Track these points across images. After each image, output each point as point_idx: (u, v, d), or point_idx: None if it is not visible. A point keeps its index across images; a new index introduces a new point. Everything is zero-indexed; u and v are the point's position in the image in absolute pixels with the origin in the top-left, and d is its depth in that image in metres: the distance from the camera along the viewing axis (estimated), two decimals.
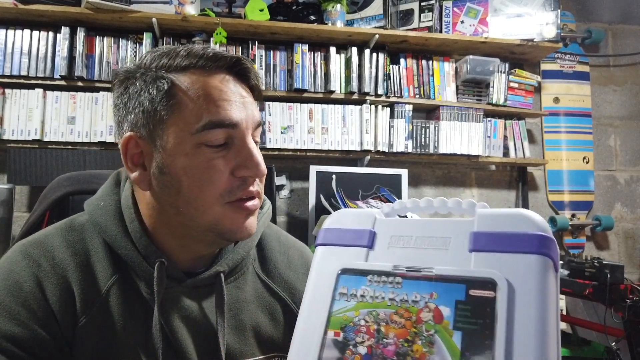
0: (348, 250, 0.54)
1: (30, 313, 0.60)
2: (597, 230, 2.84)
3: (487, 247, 0.47)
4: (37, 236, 0.67)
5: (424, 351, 0.44)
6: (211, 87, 0.64)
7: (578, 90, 2.94)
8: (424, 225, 0.52)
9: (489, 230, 0.48)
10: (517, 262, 0.45)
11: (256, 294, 0.73)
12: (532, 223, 0.47)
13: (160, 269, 0.64)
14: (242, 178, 0.64)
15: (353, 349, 0.47)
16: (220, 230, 0.64)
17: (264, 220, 0.77)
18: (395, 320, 0.47)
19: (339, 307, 0.50)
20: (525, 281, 0.44)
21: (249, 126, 0.65)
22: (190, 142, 0.62)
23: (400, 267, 0.50)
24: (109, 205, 0.69)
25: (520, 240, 0.46)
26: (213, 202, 0.63)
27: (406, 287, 0.48)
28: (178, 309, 0.66)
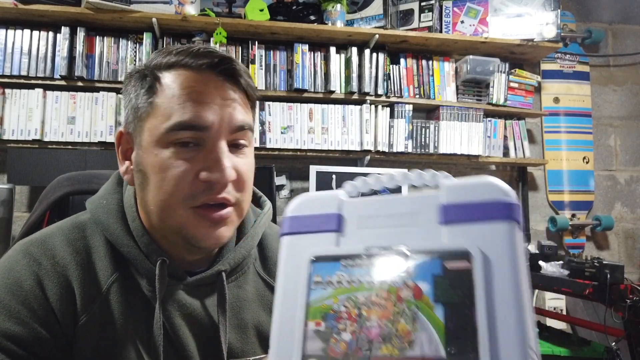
0: (317, 236, 0.53)
1: (31, 312, 0.60)
2: (597, 230, 2.84)
3: (457, 219, 0.47)
4: (38, 235, 0.67)
5: (409, 329, 0.44)
6: (188, 86, 0.63)
7: (578, 90, 2.94)
8: (391, 203, 0.52)
9: (456, 201, 0.48)
10: (488, 231, 0.46)
11: (258, 292, 0.73)
12: (498, 190, 0.47)
13: (161, 267, 0.64)
14: (207, 183, 0.61)
15: (337, 336, 0.46)
16: (185, 236, 0.63)
17: (264, 220, 0.77)
18: (375, 302, 0.46)
19: (317, 297, 0.49)
20: (498, 249, 0.45)
21: (222, 130, 0.62)
22: (160, 141, 0.62)
23: (373, 248, 0.49)
24: (111, 204, 0.69)
25: (489, 208, 0.47)
26: (177, 205, 0.62)
27: (381, 268, 0.48)
28: (180, 307, 0.66)
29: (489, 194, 0.47)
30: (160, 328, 0.62)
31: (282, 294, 0.51)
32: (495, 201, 0.47)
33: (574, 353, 1.95)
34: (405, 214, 0.50)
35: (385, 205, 0.52)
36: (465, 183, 0.49)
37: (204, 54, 0.64)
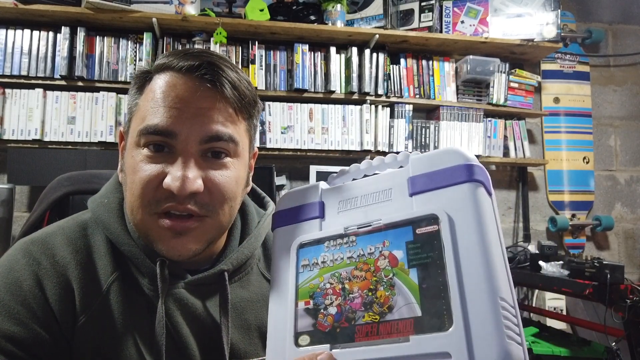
0: (302, 225, 0.58)
1: (30, 312, 0.60)
2: (597, 231, 2.84)
3: (424, 188, 0.51)
4: (39, 234, 0.67)
5: (387, 295, 0.47)
6: (165, 90, 0.62)
7: (578, 90, 2.94)
8: (366, 184, 0.56)
9: (422, 172, 0.52)
10: (452, 194, 0.49)
11: (261, 293, 0.73)
12: (458, 156, 0.50)
13: (162, 266, 0.64)
14: (170, 191, 0.60)
15: (324, 311, 0.50)
16: (152, 242, 0.63)
17: (267, 221, 0.77)
18: (356, 275, 0.50)
19: (304, 278, 0.54)
20: (461, 209, 0.48)
21: (191, 139, 0.60)
22: (136, 143, 0.63)
23: (352, 227, 0.53)
24: (112, 203, 0.69)
25: (451, 174, 0.50)
26: (142, 209, 0.62)
27: (360, 243, 0.52)
28: (181, 306, 0.65)
29: (450, 161, 0.50)
30: (162, 327, 0.62)
31: (275, 282, 0.56)
32: (456, 166, 0.49)
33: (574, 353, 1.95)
34: (380, 191, 0.54)
35: (361, 187, 0.56)
36: (429, 154, 0.53)
37: (191, 56, 0.63)
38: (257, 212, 0.78)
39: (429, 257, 0.47)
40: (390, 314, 0.46)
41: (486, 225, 0.46)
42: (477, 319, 0.42)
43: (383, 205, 0.53)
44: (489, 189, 0.50)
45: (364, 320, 0.47)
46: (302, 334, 0.50)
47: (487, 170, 0.53)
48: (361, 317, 0.48)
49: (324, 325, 0.49)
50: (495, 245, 0.46)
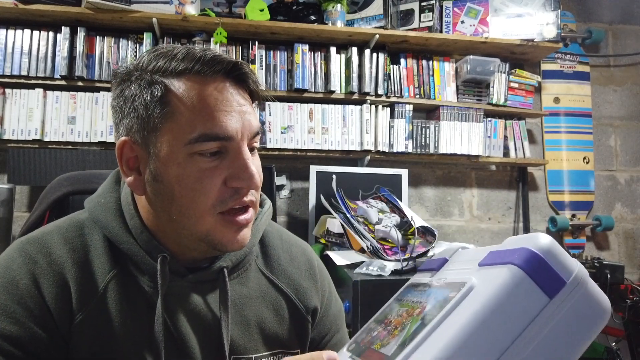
0: (425, 272, 0.65)
1: (26, 311, 0.60)
2: (598, 231, 2.84)
3: (489, 262, 0.51)
4: (36, 233, 0.67)
5: (396, 334, 0.51)
6: (207, 95, 0.62)
7: (578, 90, 2.94)
8: (476, 252, 0.59)
9: (501, 248, 0.52)
10: (495, 272, 0.47)
11: (260, 290, 0.74)
12: (533, 241, 0.47)
13: (163, 263, 0.64)
14: (235, 188, 0.63)
15: (371, 333, 0.58)
16: (211, 241, 0.64)
17: (265, 218, 0.77)
18: (402, 315, 0.55)
19: (389, 308, 0.62)
20: (485, 285, 0.46)
21: (244, 137, 0.64)
22: (183, 152, 0.61)
23: (434, 281, 0.59)
24: (110, 202, 0.70)
25: (510, 254, 0.48)
26: (205, 212, 0.63)
27: (426, 294, 0.56)
28: (181, 303, 0.66)
29: (522, 243, 0.49)
30: (161, 323, 0.62)
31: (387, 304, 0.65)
32: (520, 249, 0.47)
33: None
34: (474, 259, 0.56)
35: (473, 254, 0.60)
36: (523, 236, 0.52)
37: (215, 60, 0.63)
38: None
39: (432, 315, 0.48)
40: (384, 348, 0.50)
41: (493, 305, 0.43)
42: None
43: (463, 271, 0.56)
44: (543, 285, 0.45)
45: (374, 347, 0.53)
46: (354, 343, 0.60)
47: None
48: (375, 343, 0.53)
49: (364, 341, 0.57)
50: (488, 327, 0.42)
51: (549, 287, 0.45)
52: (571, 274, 0.45)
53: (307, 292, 0.78)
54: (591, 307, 0.46)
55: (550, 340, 0.44)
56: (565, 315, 0.45)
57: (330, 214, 2.09)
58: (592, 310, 0.46)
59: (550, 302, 0.44)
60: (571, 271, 0.46)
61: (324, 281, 0.83)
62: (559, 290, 0.45)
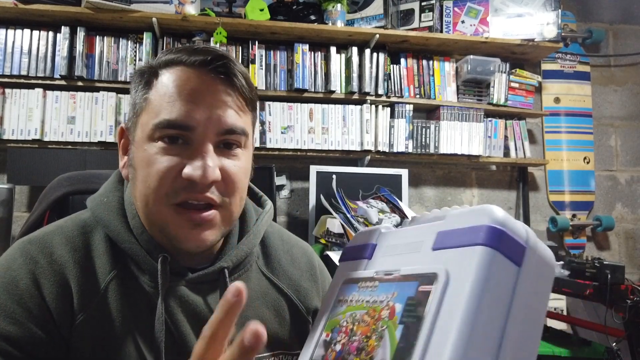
0: (355, 262, 0.60)
1: (26, 311, 0.59)
2: (598, 231, 2.84)
3: (445, 244, 0.49)
4: (37, 233, 0.67)
5: (375, 345, 0.47)
6: (180, 84, 0.63)
7: (579, 90, 2.94)
8: (409, 233, 0.57)
9: (451, 228, 0.50)
10: (463, 255, 0.46)
11: (261, 290, 0.73)
12: (486, 215, 0.47)
13: (163, 263, 0.64)
14: (189, 181, 0.61)
15: (333, 347, 0.52)
16: (168, 235, 0.63)
17: (266, 218, 0.77)
18: (364, 320, 0.51)
19: (334, 312, 0.56)
20: (462, 272, 0.45)
21: (209, 131, 0.62)
22: (149, 137, 0.63)
23: (380, 272, 0.54)
24: (112, 201, 0.70)
25: (472, 233, 0.47)
26: (158, 200, 0.62)
27: (379, 289, 0.52)
28: (182, 303, 0.65)
29: (478, 220, 0.47)
30: (162, 323, 0.62)
31: (320, 310, 0.60)
32: (480, 226, 0.46)
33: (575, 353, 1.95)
34: (415, 242, 0.54)
35: (405, 235, 0.57)
36: (465, 210, 0.51)
37: (201, 51, 0.64)
38: (254, 210, 0.79)
39: (415, 317, 0.45)
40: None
41: (478, 292, 0.43)
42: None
43: (411, 256, 0.53)
44: (510, 256, 0.45)
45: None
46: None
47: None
48: (351, 359, 0.49)
49: (328, 358, 0.52)
50: (481, 316, 0.42)
51: (516, 256, 0.46)
52: (525, 237, 0.47)
53: (308, 293, 0.77)
54: (546, 263, 0.48)
55: (528, 306, 0.45)
56: (532, 277, 0.46)
57: (330, 214, 2.09)
58: (547, 265, 0.48)
59: (520, 269, 0.46)
60: (525, 235, 0.47)
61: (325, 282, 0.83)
62: (523, 256, 0.46)
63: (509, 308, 0.44)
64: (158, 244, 0.66)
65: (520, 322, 0.44)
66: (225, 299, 0.45)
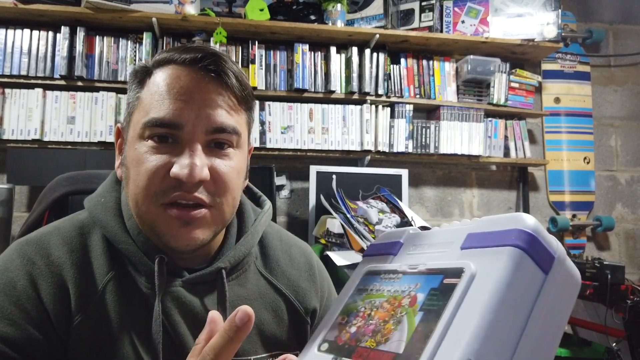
0: (379, 257, 0.63)
1: (23, 313, 0.59)
2: (598, 231, 2.84)
3: (475, 244, 0.51)
4: (34, 234, 0.67)
5: (392, 328, 0.49)
6: (169, 82, 0.62)
7: (579, 90, 2.93)
8: (439, 234, 0.59)
9: (481, 230, 0.52)
10: (491, 254, 0.48)
11: (259, 291, 0.73)
12: (518, 222, 0.48)
13: (160, 264, 0.64)
14: (177, 180, 0.60)
15: (347, 329, 0.54)
16: (158, 234, 0.63)
17: (265, 219, 0.77)
18: (384, 307, 0.53)
19: (353, 300, 0.58)
20: (488, 268, 0.46)
21: (198, 130, 0.61)
22: (140, 135, 0.63)
23: (403, 266, 0.56)
24: (110, 202, 0.69)
25: (502, 236, 0.48)
26: (148, 200, 0.62)
27: (402, 281, 0.54)
28: (179, 304, 0.65)
29: (509, 224, 0.49)
30: (159, 325, 0.62)
31: (338, 297, 0.62)
32: (511, 230, 0.48)
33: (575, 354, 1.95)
34: (443, 242, 0.56)
35: (434, 236, 0.59)
36: (497, 216, 0.52)
37: (192, 49, 0.64)
38: (253, 210, 0.78)
39: (437, 305, 0.47)
40: (384, 345, 0.48)
41: (503, 289, 0.44)
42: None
43: (438, 255, 0.55)
44: (537, 260, 0.47)
45: (365, 344, 0.50)
46: (325, 342, 0.55)
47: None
48: (365, 340, 0.51)
49: (341, 339, 0.54)
50: (502, 312, 0.43)
51: (545, 264, 0.47)
52: (556, 248, 0.48)
53: (307, 293, 0.77)
54: (572, 277, 0.49)
55: (550, 314, 0.46)
56: (557, 288, 0.47)
57: (330, 214, 2.09)
58: (573, 279, 0.49)
59: (547, 278, 0.47)
60: (555, 246, 0.48)
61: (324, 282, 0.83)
62: (551, 266, 0.47)
63: (531, 312, 0.45)
64: (154, 244, 0.66)
65: (540, 328, 0.45)
66: (232, 322, 0.45)
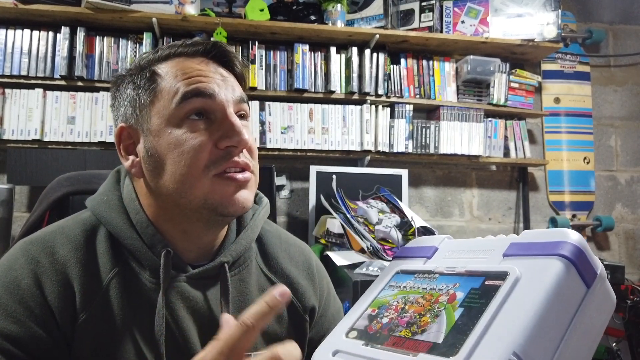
0: (412, 259, 0.64)
1: (28, 311, 0.60)
2: (598, 231, 2.84)
3: (518, 253, 0.52)
4: (38, 234, 0.67)
5: (429, 321, 0.50)
6: (187, 66, 0.66)
7: (579, 90, 2.94)
8: (477, 242, 0.60)
9: (525, 241, 0.53)
10: (536, 262, 0.49)
11: (260, 287, 0.74)
12: (566, 235, 0.50)
13: (166, 257, 0.64)
14: (226, 149, 0.64)
15: (379, 319, 0.56)
16: (211, 205, 0.64)
17: (263, 213, 0.78)
18: (419, 302, 0.54)
19: (384, 294, 0.60)
20: (533, 275, 0.48)
21: (228, 99, 0.66)
22: (172, 118, 0.64)
23: (440, 268, 0.58)
24: (113, 200, 0.70)
25: (546, 246, 0.50)
26: (199, 175, 0.63)
27: (439, 280, 0.56)
28: (183, 299, 0.66)
29: (554, 237, 0.51)
30: (162, 317, 0.62)
31: (367, 291, 0.64)
32: (556, 242, 0.50)
33: None
34: (484, 250, 0.57)
35: (473, 244, 0.60)
36: (542, 230, 0.54)
37: (195, 42, 0.69)
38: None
39: (479, 303, 0.48)
40: (420, 335, 0.49)
41: (548, 295, 0.45)
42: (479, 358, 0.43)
43: (478, 260, 0.56)
44: (582, 273, 0.48)
45: (399, 334, 0.51)
46: (354, 330, 0.57)
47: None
48: (399, 331, 0.52)
49: (372, 328, 0.55)
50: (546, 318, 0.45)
51: (588, 277, 0.48)
52: (598, 265, 0.50)
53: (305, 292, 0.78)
54: (609, 295, 0.51)
55: (588, 328, 0.48)
56: (597, 303, 0.49)
57: (330, 214, 2.09)
58: (610, 298, 0.51)
59: (588, 291, 0.48)
60: (597, 263, 0.50)
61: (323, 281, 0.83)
62: (594, 280, 0.49)
63: (571, 321, 0.46)
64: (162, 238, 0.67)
65: (577, 339, 0.46)
66: (272, 295, 0.47)
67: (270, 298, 0.47)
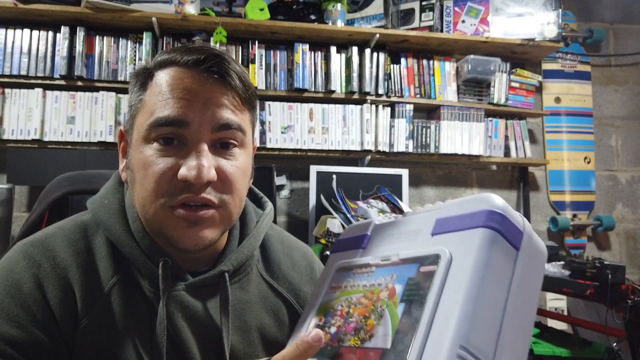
0: (348, 253, 0.63)
1: (30, 315, 0.59)
2: (599, 231, 2.84)
3: (445, 229, 0.51)
4: (39, 235, 0.66)
5: (374, 323, 0.49)
6: (172, 83, 0.62)
7: (579, 90, 2.93)
8: (406, 222, 0.59)
9: (450, 214, 0.52)
10: (464, 237, 0.48)
11: (260, 295, 0.72)
12: (486, 201, 0.50)
13: (164, 267, 0.63)
14: (185, 182, 0.60)
15: (327, 329, 0.54)
16: (166, 235, 0.62)
17: (266, 221, 0.76)
18: (361, 302, 0.53)
19: (327, 298, 0.58)
20: (465, 252, 0.47)
21: (203, 128, 0.61)
22: (145, 138, 0.62)
23: (375, 259, 0.57)
24: (113, 204, 0.69)
25: (472, 218, 0.49)
26: (156, 203, 0.61)
27: (376, 274, 0.55)
28: (182, 308, 0.65)
29: (477, 206, 0.50)
30: (163, 329, 0.61)
31: (310, 297, 0.62)
32: (480, 211, 0.49)
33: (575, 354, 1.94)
34: (412, 230, 0.56)
35: (402, 225, 0.59)
36: (463, 199, 0.53)
37: (195, 50, 0.64)
38: (255, 212, 0.78)
39: (418, 294, 0.47)
40: (369, 342, 0.48)
41: (481, 270, 0.45)
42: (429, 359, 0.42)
43: (409, 243, 0.55)
44: (510, 239, 0.48)
45: (349, 344, 0.50)
46: None
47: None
48: (348, 340, 0.50)
49: (322, 341, 0.52)
50: (484, 293, 0.44)
51: (515, 240, 0.48)
52: (522, 224, 0.49)
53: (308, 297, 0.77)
54: (539, 248, 0.51)
55: (525, 288, 0.48)
56: (529, 261, 0.49)
57: (331, 214, 2.09)
58: (540, 250, 0.51)
59: (519, 253, 0.48)
60: (522, 221, 0.50)
61: None
62: (521, 240, 0.49)
63: (509, 288, 0.46)
64: (159, 247, 0.65)
65: (519, 303, 0.46)
66: (305, 339, 0.48)
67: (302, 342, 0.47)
